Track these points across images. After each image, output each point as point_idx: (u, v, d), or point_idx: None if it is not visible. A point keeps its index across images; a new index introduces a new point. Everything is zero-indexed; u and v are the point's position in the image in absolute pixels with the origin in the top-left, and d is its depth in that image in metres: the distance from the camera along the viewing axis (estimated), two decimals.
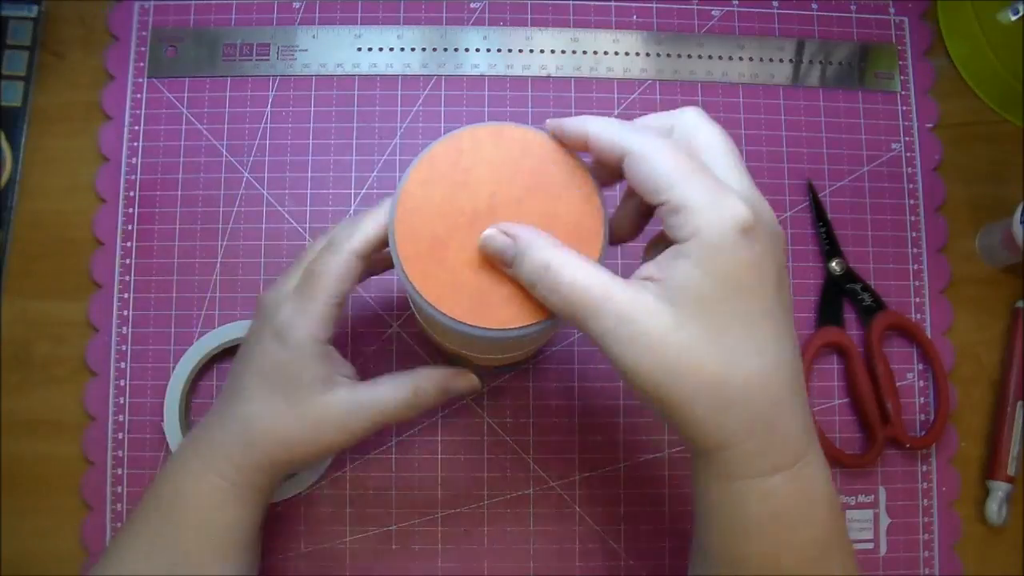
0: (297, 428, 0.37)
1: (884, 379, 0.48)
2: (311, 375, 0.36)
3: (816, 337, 0.48)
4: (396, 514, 0.47)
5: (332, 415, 0.37)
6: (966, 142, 0.52)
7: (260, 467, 0.37)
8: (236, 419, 0.37)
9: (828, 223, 0.50)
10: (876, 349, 0.48)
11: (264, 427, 0.37)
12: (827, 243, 0.50)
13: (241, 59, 0.50)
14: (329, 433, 0.37)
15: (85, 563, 0.46)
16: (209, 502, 0.37)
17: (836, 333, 0.48)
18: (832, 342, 0.48)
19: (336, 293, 0.36)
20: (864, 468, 0.48)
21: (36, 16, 0.50)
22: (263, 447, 0.37)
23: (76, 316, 0.48)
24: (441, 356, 0.47)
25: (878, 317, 0.49)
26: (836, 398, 0.49)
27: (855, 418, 0.49)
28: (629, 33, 0.52)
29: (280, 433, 0.37)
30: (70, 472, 0.47)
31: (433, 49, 0.51)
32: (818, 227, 0.50)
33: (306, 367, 0.36)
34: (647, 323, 0.28)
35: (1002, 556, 0.48)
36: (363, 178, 0.49)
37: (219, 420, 0.38)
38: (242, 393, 0.37)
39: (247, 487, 0.37)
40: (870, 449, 0.47)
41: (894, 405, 0.47)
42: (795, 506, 0.30)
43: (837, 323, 0.49)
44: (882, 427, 0.47)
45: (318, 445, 0.37)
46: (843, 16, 0.53)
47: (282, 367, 0.36)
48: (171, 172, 0.49)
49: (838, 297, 0.49)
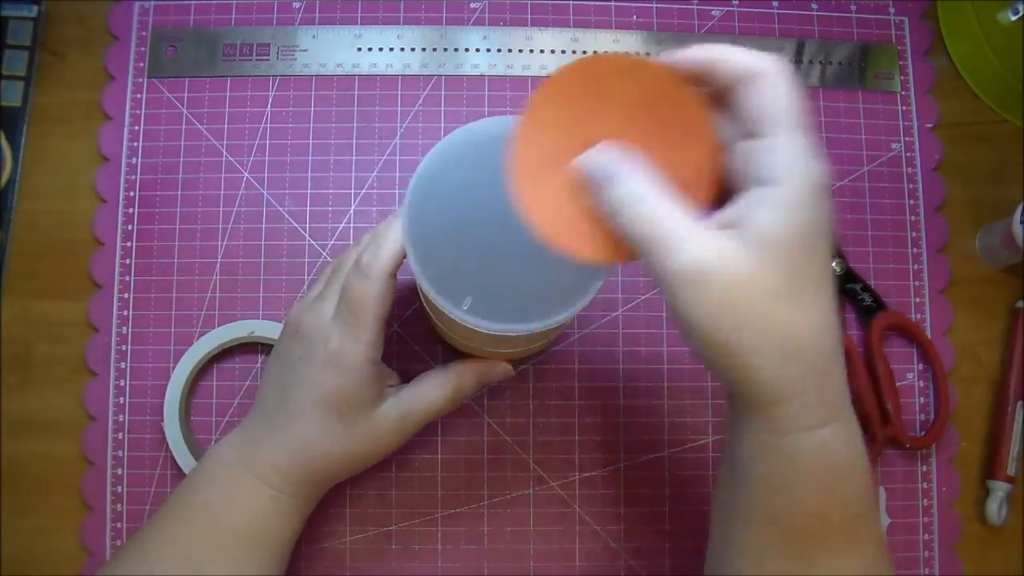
0: (356, 444, 0.39)
1: (884, 379, 0.48)
2: (367, 396, 0.39)
3: None
4: (396, 514, 0.47)
5: (386, 425, 0.40)
6: (966, 142, 0.52)
7: (318, 482, 0.40)
8: (294, 441, 0.39)
9: None
10: (876, 349, 0.48)
11: (325, 449, 0.39)
12: None
13: (241, 59, 0.50)
14: (384, 441, 0.40)
15: (85, 563, 0.46)
16: (262, 512, 0.39)
17: None
18: None
19: (381, 316, 0.38)
20: None
21: (36, 16, 0.50)
22: (324, 464, 0.39)
23: (76, 316, 0.48)
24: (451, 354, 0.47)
25: (878, 317, 0.49)
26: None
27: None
28: (629, 33, 0.52)
29: (339, 452, 0.39)
30: (70, 472, 0.47)
31: (433, 49, 0.51)
32: None
33: (362, 389, 0.38)
34: (723, 267, 0.27)
35: (1002, 556, 0.48)
36: (363, 178, 0.49)
37: (271, 437, 0.39)
38: (300, 417, 0.39)
39: (303, 499, 0.40)
40: (870, 449, 0.47)
41: (894, 405, 0.47)
42: (846, 458, 0.30)
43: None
44: (882, 427, 0.47)
45: (376, 454, 0.40)
46: (843, 16, 0.53)
47: (339, 392, 0.38)
48: (171, 172, 0.49)
49: (838, 297, 0.49)
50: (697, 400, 0.48)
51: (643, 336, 0.48)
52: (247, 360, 0.48)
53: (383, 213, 0.49)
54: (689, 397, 0.48)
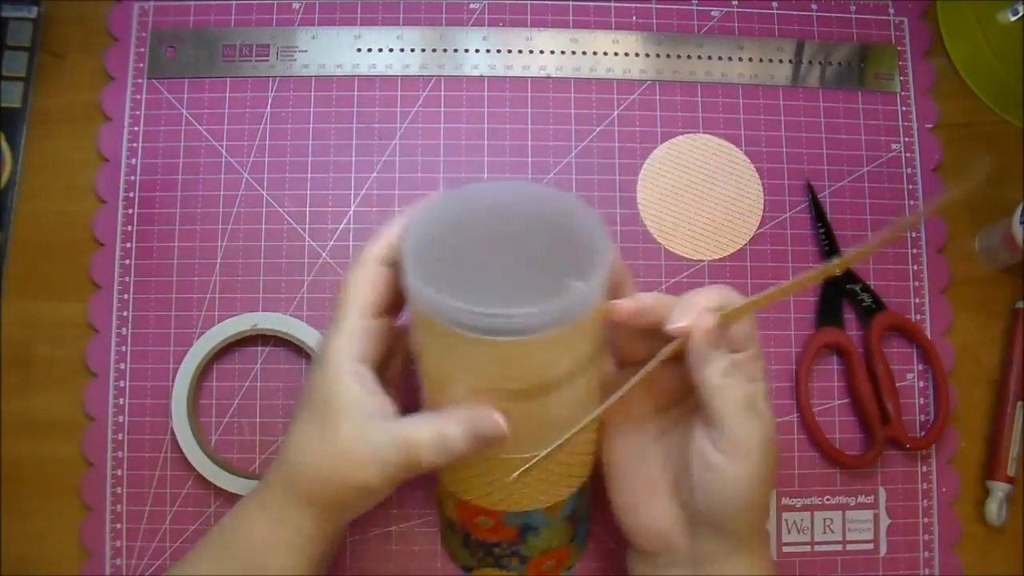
0: (328, 461, 0.34)
1: (884, 380, 0.48)
2: (344, 398, 0.33)
3: (816, 337, 0.48)
4: (396, 514, 0.47)
5: (362, 448, 0.33)
6: (966, 142, 0.52)
7: (304, 505, 0.35)
8: (280, 451, 0.36)
9: (827, 223, 0.50)
10: (876, 349, 0.48)
11: (298, 460, 0.35)
12: (826, 243, 0.49)
13: (241, 60, 0.50)
14: (360, 469, 0.33)
15: (85, 564, 0.46)
16: (264, 545, 0.35)
17: (836, 334, 0.48)
18: (832, 342, 0.48)
19: (365, 304, 0.34)
20: (864, 468, 0.48)
21: (35, 17, 0.50)
22: (301, 484, 0.35)
23: (76, 317, 0.48)
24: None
25: (878, 317, 0.49)
26: (836, 398, 0.49)
27: (855, 418, 0.49)
28: (629, 34, 0.52)
29: (312, 467, 0.34)
30: (70, 473, 0.47)
31: (433, 50, 0.51)
32: (817, 228, 0.50)
33: (339, 388, 0.33)
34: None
35: (1002, 556, 0.48)
36: (363, 179, 0.49)
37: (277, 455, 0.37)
38: (289, 428, 0.36)
39: (294, 530, 0.35)
40: (870, 449, 0.47)
41: (894, 406, 0.47)
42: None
43: (837, 323, 0.49)
44: (882, 427, 0.47)
45: (352, 483, 0.33)
46: (843, 16, 0.53)
47: (317, 390, 0.34)
48: (171, 172, 0.49)
49: (838, 297, 0.49)
50: None
51: None
52: (247, 359, 0.48)
53: (383, 213, 0.49)
54: None
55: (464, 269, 0.35)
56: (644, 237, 0.49)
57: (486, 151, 0.50)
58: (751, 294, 0.33)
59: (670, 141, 0.50)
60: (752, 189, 0.50)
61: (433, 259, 0.32)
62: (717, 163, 0.50)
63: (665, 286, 0.49)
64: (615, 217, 0.49)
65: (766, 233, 0.50)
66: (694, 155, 0.50)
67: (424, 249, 0.32)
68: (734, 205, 0.50)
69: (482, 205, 0.35)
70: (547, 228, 0.34)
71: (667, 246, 0.49)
